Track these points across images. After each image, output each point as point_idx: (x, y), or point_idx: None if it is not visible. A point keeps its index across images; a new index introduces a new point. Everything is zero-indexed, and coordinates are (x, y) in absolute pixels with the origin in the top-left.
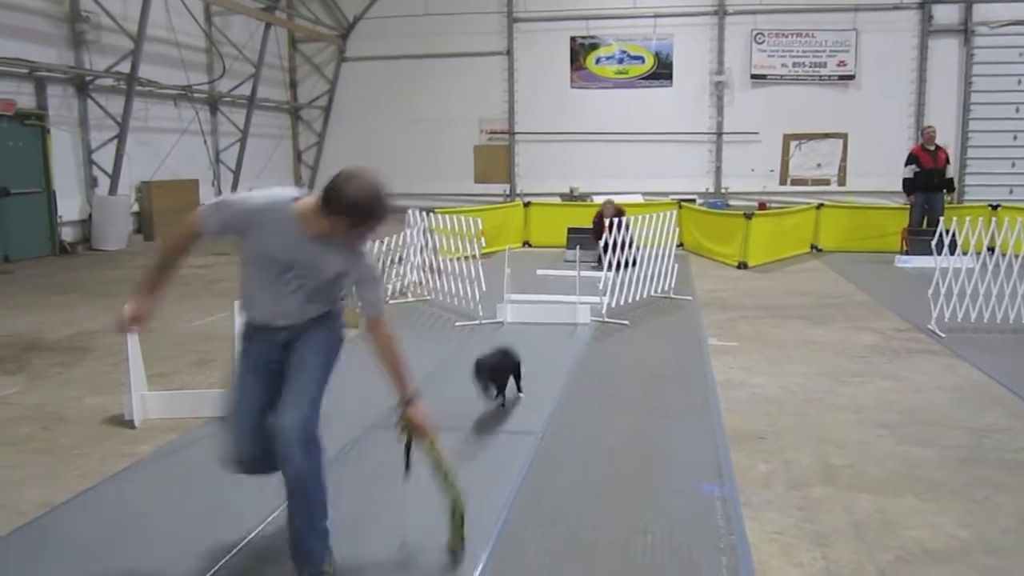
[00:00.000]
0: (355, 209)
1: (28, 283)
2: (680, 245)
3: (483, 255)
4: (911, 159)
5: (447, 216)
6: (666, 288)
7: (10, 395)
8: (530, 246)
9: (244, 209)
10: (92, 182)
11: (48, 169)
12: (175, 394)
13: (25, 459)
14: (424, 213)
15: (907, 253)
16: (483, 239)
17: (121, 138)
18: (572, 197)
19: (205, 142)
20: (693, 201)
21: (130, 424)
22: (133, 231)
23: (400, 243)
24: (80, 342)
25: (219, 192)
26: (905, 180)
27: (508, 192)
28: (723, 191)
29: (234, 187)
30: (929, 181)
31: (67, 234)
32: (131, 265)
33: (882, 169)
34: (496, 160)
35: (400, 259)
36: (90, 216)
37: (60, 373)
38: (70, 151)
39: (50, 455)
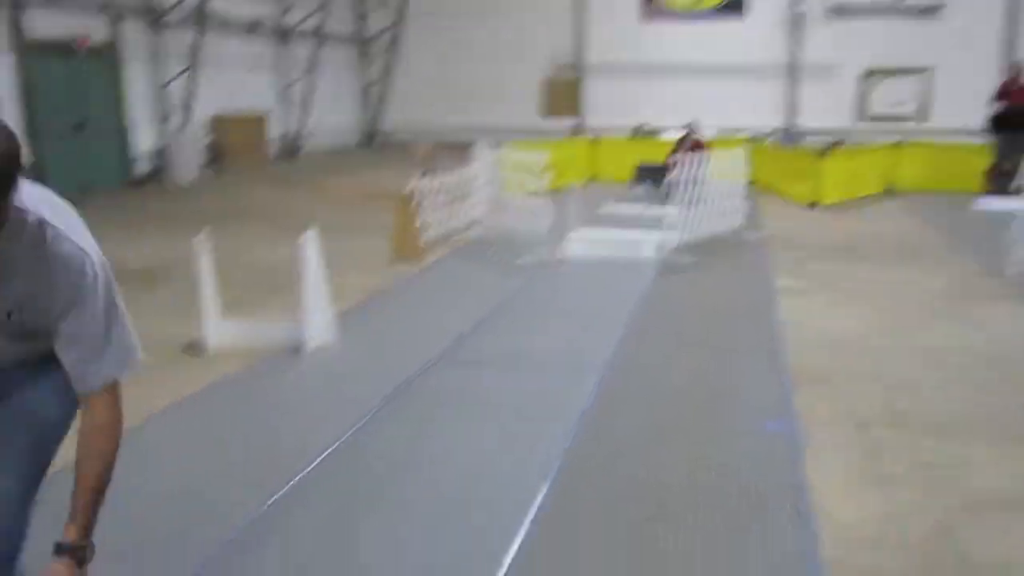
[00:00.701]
0: None
1: (104, 214)
2: (751, 183)
3: (549, 190)
4: (1000, 95)
5: (514, 150)
6: (735, 226)
7: None
8: (597, 182)
9: None
10: (164, 116)
11: (122, 103)
12: (246, 323)
13: None
14: (490, 147)
15: (988, 195)
16: (549, 174)
17: (192, 72)
18: (641, 133)
19: (274, 76)
20: (765, 138)
21: (203, 351)
22: (204, 164)
23: (466, 178)
24: (155, 271)
25: (286, 126)
26: (992, 117)
27: (576, 127)
28: (796, 128)
29: (301, 122)
30: (1018, 119)
31: (140, 167)
32: (202, 197)
33: (968, 106)
34: (564, 95)
35: (466, 194)
36: (162, 149)
37: (136, 300)
38: (143, 85)
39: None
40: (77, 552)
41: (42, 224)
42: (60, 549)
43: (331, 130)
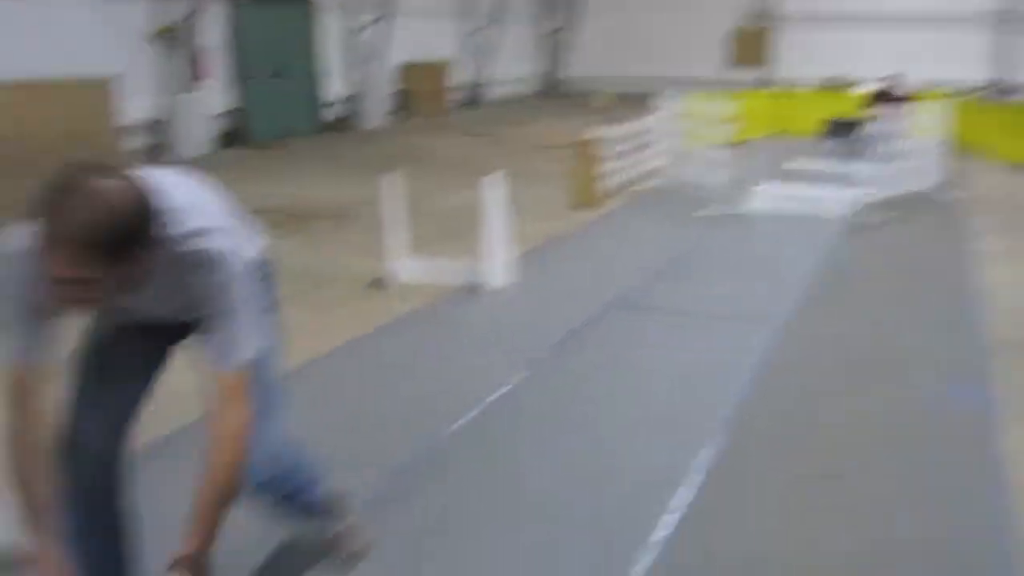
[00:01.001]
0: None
1: (300, 158)
2: (954, 140)
3: (733, 142)
4: None
5: (697, 101)
6: (934, 185)
7: (287, 255)
8: (784, 135)
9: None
10: (355, 63)
11: (316, 50)
12: (429, 262)
13: (296, 312)
14: (673, 98)
15: None
16: (734, 126)
17: (382, 20)
18: (832, 85)
19: (458, 24)
20: (972, 92)
21: (389, 286)
22: (390, 111)
23: (647, 127)
24: (346, 210)
25: (469, 74)
26: None
27: (763, 78)
28: (1009, 82)
29: (484, 70)
30: None
31: (331, 112)
32: (388, 143)
33: None
34: (752, 45)
35: (647, 144)
36: (352, 95)
37: (327, 238)
38: (335, 33)
39: (318, 310)
40: (194, 567)
41: (184, 247)
42: (176, 563)
43: (513, 79)
